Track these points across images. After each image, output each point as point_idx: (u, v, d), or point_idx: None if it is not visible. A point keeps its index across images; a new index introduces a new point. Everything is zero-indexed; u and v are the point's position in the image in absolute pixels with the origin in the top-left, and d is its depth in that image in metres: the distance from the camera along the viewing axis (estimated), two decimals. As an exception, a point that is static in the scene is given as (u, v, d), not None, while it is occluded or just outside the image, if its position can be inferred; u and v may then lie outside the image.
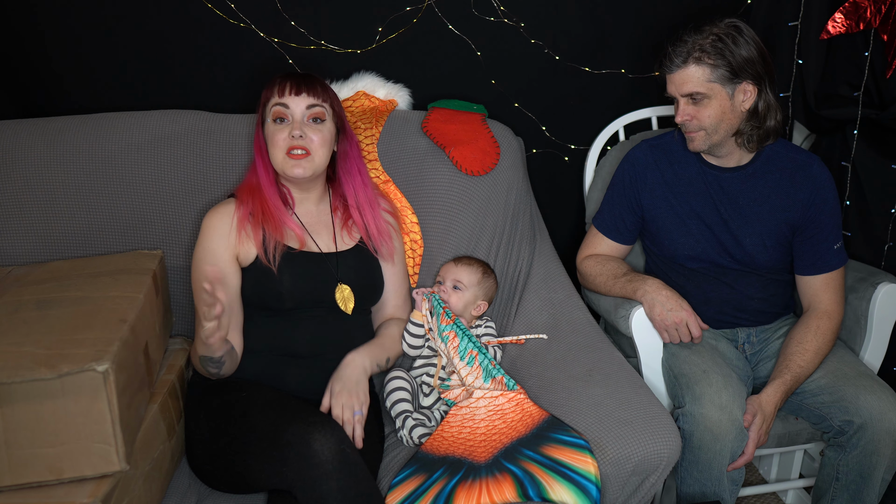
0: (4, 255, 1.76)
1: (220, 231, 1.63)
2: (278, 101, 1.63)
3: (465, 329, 1.73)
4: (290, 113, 1.63)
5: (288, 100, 1.63)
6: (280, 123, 1.64)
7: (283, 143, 1.62)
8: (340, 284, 1.66)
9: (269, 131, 1.65)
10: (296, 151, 1.62)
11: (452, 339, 1.72)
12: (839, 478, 1.72)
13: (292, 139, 1.61)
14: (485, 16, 2.06)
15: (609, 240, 1.97)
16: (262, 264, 1.61)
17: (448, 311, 1.75)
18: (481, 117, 2.03)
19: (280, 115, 1.63)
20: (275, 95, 1.64)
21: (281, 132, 1.63)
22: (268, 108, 1.65)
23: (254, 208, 1.65)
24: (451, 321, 1.73)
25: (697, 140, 1.77)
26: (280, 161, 1.64)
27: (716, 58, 1.68)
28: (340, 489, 1.31)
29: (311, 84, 1.66)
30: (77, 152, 1.80)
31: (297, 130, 1.62)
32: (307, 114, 1.64)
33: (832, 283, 1.82)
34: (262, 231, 1.63)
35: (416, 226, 1.92)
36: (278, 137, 1.63)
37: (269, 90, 1.66)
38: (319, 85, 1.67)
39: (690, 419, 1.64)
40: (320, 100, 1.65)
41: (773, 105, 1.75)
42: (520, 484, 1.44)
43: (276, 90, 1.64)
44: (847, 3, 1.91)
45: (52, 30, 1.91)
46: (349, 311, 1.66)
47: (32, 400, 1.23)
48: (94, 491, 1.24)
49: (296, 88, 1.64)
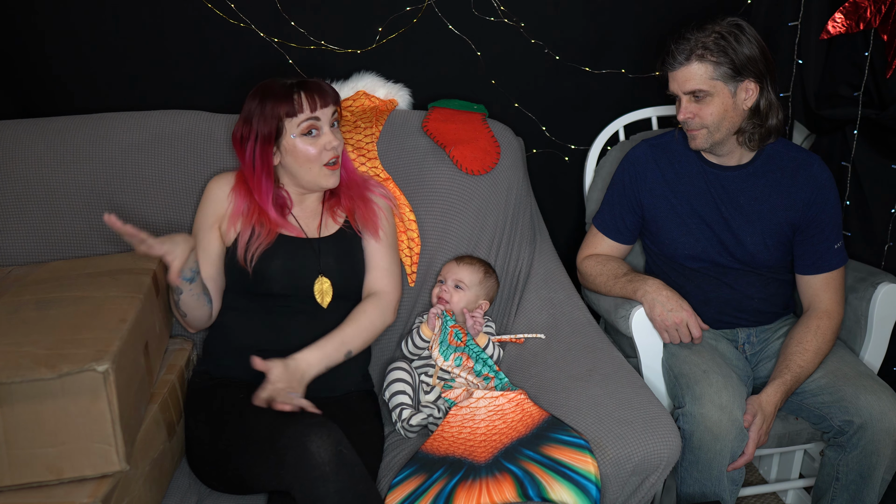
0: (4, 255, 1.76)
1: (217, 199, 1.68)
2: (311, 116, 1.59)
3: (480, 350, 1.73)
4: (321, 124, 1.61)
5: (320, 113, 1.61)
6: (310, 136, 1.61)
7: (319, 156, 1.61)
8: (321, 276, 1.65)
9: (295, 146, 1.60)
10: (332, 161, 1.62)
11: (466, 361, 1.72)
12: (839, 478, 1.72)
13: (329, 150, 1.61)
14: (485, 16, 2.06)
15: (609, 240, 1.97)
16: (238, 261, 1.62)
17: (457, 333, 1.74)
18: (481, 117, 2.03)
19: (312, 128, 1.61)
20: (303, 110, 1.59)
21: (314, 145, 1.60)
22: (290, 123, 1.59)
23: (248, 208, 1.65)
24: (461, 343, 1.73)
25: (699, 138, 1.77)
26: (315, 174, 1.63)
27: (719, 55, 1.68)
28: (338, 490, 1.31)
29: (325, 90, 1.64)
30: (77, 152, 1.80)
31: (333, 141, 1.61)
32: (331, 120, 1.63)
33: (832, 282, 1.83)
34: (250, 230, 1.63)
35: (413, 223, 1.91)
36: (312, 151, 1.60)
37: (284, 105, 1.59)
38: (328, 87, 1.66)
39: (690, 419, 1.64)
40: (337, 103, 1.66)
41: (775, 104, 1.75)
42: (520, 484, 1.44)
43: (302, 104, 1.59)
44: (847, 3, 1.91)
45: (52, 30, 1.91)
46: (325, 304, 1.65)
47: (32, 400, 1.23)
48: (94, 491, 1.24)
49: (322, 100, 1.61)
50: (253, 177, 1.64)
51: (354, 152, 1.91)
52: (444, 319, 1.76)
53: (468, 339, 1.74)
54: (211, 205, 1.69)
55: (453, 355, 1.71)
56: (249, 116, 1.62)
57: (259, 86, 1.65)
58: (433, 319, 1.77)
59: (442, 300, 1.83)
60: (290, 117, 1.60)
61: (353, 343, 1.63)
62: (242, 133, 1.63)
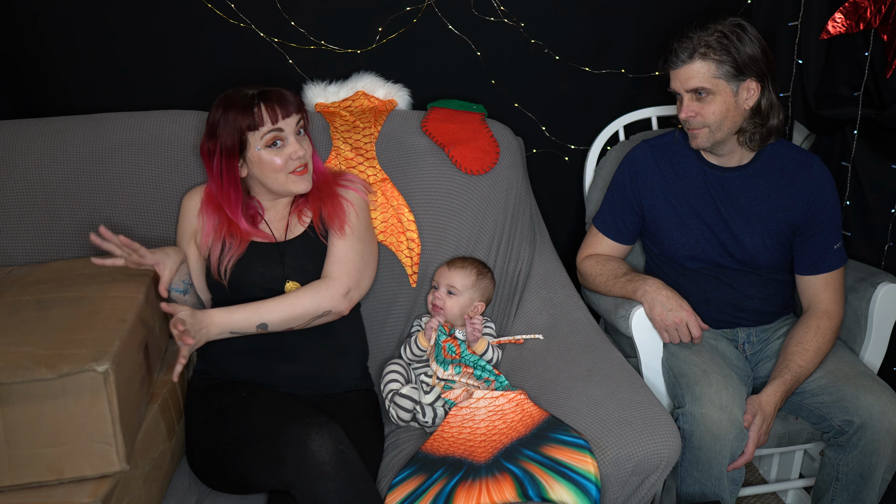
0: (4, 255, 1.76)
1: (191, 214, 1.70)
2: (273, 128, 1.58)
3: (477, 359, 1.73)
4: (285, 135, 1.60)
5: (282, 124, 1.59)
6: (275, 147, 1.60)
7: (285, 165, 1.60)
8: (289, 281, 1.64)
9: (260, 158, 1.59)
10: (298, 169, 1.62)
11: (465, 368, 1.72)
12: (839, 478, 1.72)
13: (296, 160, 1.60)
14: (485, 16, 2.06)
15: (609, 240, 1.97)
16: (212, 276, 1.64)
17: (451, 347, 1.74)
18: (481, 117, 2.03)
19: (276, 139, 1.60)
20: (264, 123, 1.58)
21: (279, 156, 1.60)
22: (253, 136, 1.58)
23: (219, 222, 1.65)
24: (456, 356, 1.73)
25: (700, 137, 1.77)
26: (282, 182, 1.62)
27: (721, 54, 1.68)
28: (338, 489, 1.32)
29: (287, 99, 1.61)
30: (77, 152, 1.80)
31: (299, 151, 1.60)
32: (295, 128, 1.62)
33: (832, 282, 1.83)
34: (221, 245, 1.63)
35: (412, 223, 1.91)
36: (277, 160, 1.60)
37: (246, 118, 1.57)
38: (290, 95, 1.63)
39: (690, 419, 1.64)
40: (301, 111, 1.63)
41: (776, 104, 1.76)
42: (520, 484, 1.44)
43: (263, 116, 1.57)
44: (847, 3, 1.91)
45: (52, 30, 1.91)
46: None
47: (33, 400, 1.23)
48: (95, 491, 1.25)
49: (283, 110, 1.59)
50: (221, 191, 1.63)
51: (353, 152, 1.91)
52: (437, 334, 1.76)
53: (462, 350, 1.74)
54: (185, 220, 1.71)
55: (451, 366, 1.72)
56: (214, 129, 1.60)
57: (221, 97, 1.62)
58: (429, 332, 1.77)
59: (436, 308, 1.82)
60: (253, 130, 1.58)
61: (269, 317, 1.56)
62: (209, 147, 1.62)
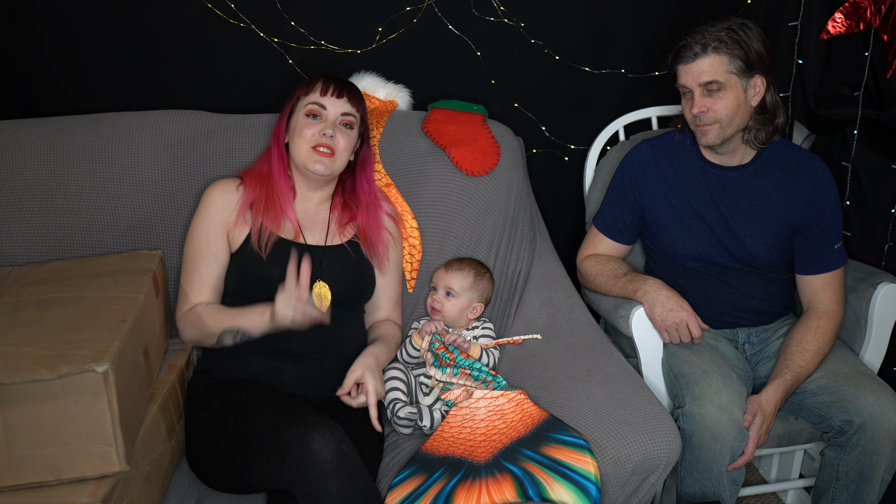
0: (4, 255, 1.75)
1: (221, 205, 1.68)
2: (317, 101, 1.68)
3: (472, 363, 1.73)
4: (326, 114, 1.67)
5: (327, 100, 1.68)
6: (312, 119, 1.67)
7: (311, 137, 1.66)
8: (318, 281, 1.66)
9: (297, 123, 1.68)
10: (322, 149, 1.65)
11: (462, 370, 1.72)
12: (839, 478, 1.72)
13: (322, 136, 1.66)
14: (485, 16, 2.06)
15: (609, 240, 1.97)
16: (250, 251, 1.63)
17: (444, 354, 1.74)
18: (481, 117, 2.03)
19: (314, 113, 1.67)
20: (315, 94, 1.68)
21: (311, 127, 1.67)
22: (301, 102, 1.69)
23: (257, 197, 1.67)
24: (450, 363, 1.73)
25: (711, 133, 1.76)
26: (304, 154, 1.66)
27: (734, 48, 1.69)
28: (339, 489, 1.32)
29: (352, 92, 1.72)
30: (77, 152, 1.80)
31: (329, 130, 1.66)
32: (340, 119, 1.68)
33: (832, 282, 1.83)
34: (259, 221, 1.65)
35: (415, 230, 1.91)
36: (307, 131, 1.66)
37: (307, 88, 1.70)
38: (358, 94, 1.73)
39: (690, 419, 1.64)
40: (356, 109, 1.71)
41: (780, 102, 1.77)
42: (520, 484, 1.44)
43: (318, 89, 1.69)
44: (847, 3, 1.91)
45: (52, 30, 1.91)
46: (323, 309, 1.63)
47: (32, 400, 1.23)
48: (95, 491, 1.24)
49: (338, 91, 1.69)
50: (275, 146, 1.72)
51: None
52: (431, 339, 1.76)
53: (456, 356, 1.74)
54: (216, 210, 1.68)
55: (449, 370, 1.72)
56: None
57: None
58: (424, 333, 1.77)
59: (435, 311, 1.82)
60: (303, 97, 1.70)
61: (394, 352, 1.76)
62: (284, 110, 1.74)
